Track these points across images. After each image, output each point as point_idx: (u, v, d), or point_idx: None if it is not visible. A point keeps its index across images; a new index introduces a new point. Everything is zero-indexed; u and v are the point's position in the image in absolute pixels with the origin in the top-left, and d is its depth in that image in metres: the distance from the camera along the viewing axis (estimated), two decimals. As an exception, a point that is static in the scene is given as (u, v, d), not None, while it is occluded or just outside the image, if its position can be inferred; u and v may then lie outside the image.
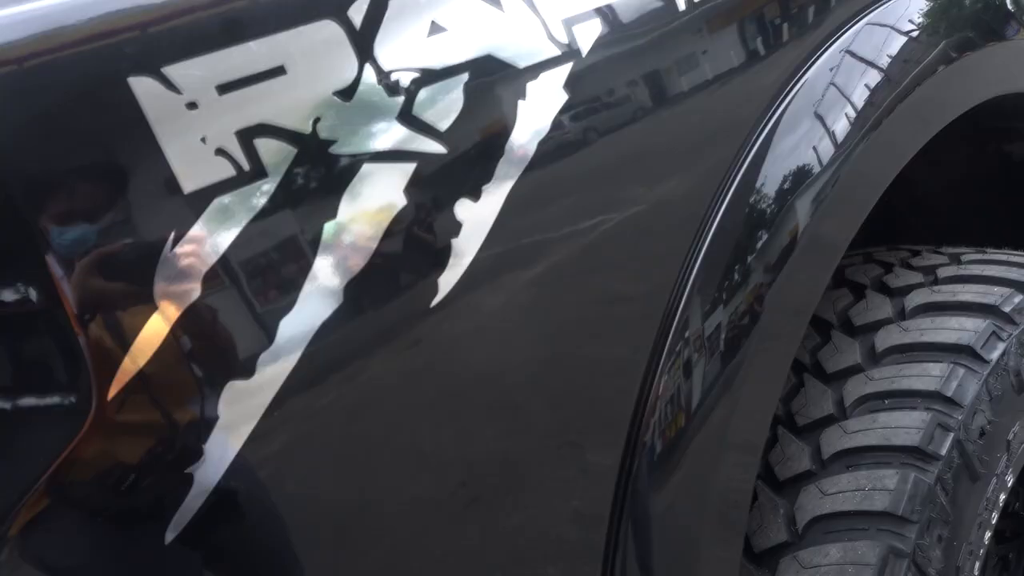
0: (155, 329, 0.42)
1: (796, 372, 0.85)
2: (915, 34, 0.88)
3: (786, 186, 0.74)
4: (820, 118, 0.78)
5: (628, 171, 0.62)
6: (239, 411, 0.44)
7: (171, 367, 0.43)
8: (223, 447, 0.44)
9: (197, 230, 0.43)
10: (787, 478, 0.79)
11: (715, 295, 0.68)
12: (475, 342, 0.53)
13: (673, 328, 0.64)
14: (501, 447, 0.56)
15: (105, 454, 0.42)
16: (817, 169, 0.76)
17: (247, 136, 0.44)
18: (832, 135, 0.78)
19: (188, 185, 0.42)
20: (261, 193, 0.44)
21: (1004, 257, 0.92)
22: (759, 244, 0.71)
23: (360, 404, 0.49)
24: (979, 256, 0.93)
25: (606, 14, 0.58)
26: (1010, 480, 0.80)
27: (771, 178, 0.72)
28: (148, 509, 0.43)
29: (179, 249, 0.42)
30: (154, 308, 0.42)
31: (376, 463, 0.50)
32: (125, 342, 0.41)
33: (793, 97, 0.75)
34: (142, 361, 0.41)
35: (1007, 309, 0.82)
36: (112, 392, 0.41)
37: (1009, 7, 0.96)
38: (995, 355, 0.79)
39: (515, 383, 0.56)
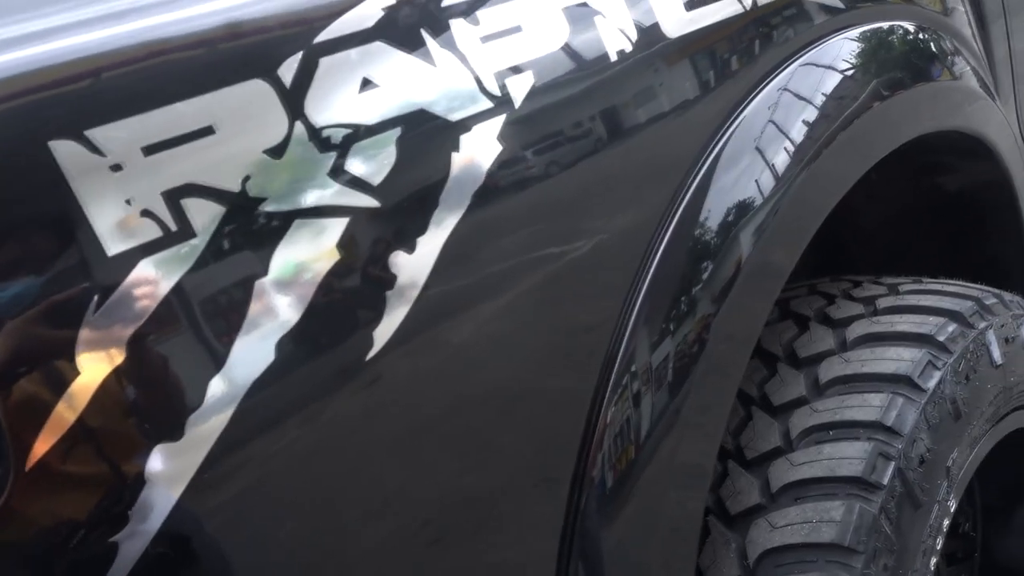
0: (77, 395, 0.41)
1: (745, 405, 0.87)
2: (849, 73, 0.92)
3: (729, 218, 0.76)
4: (760, 152, 0.80)
5: (566, 215, 0.63)
6: (168, 475, 0.44)
7: (95, 433, 0.42)
8: (150, 514, 0.43)
9: (122, 293, 0.42)
10: (738, 512, 0.80)
11: (661, 326, 0.69)
12: (411, 394, 0.53)
13: (618, 362, 0.65)
14: (442, 496, 0.56)
15: (26, 523, 0.41)
16: (758, 200, 0.78)
17: (174, 196, 0.44)
18: (772, 168, 0.80)
19: (113, 247, 0.42)
20: (189, 253, 0.44)
21: (939, 287, 0.95)
22: (703, 275, 0.73)
23: (294, 462, 0.48)
24: (915, 286, 0.96)
25: (538, 66, 0.59)
26: (952, 505, 0.82)
27: (713, 210, 0.74)
28: (73, 579, 0.42)
29: (103, 312, 0.42)
30: (77, 373, 0.41)
31: (311, 520, 0.49)
32: (45, 410, 0.40)
33: (732, 134, 0.77)
34: (63, 428, 0.41)
35: (942, 338, 0.85)
36: (32, 461, 0.40)
37: (933, 50, 1.01)
38: (932, 384, 0.81)
39: (455, 431, 0.56)
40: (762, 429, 0.84)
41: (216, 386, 0.45)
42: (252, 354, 0.46)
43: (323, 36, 0.50)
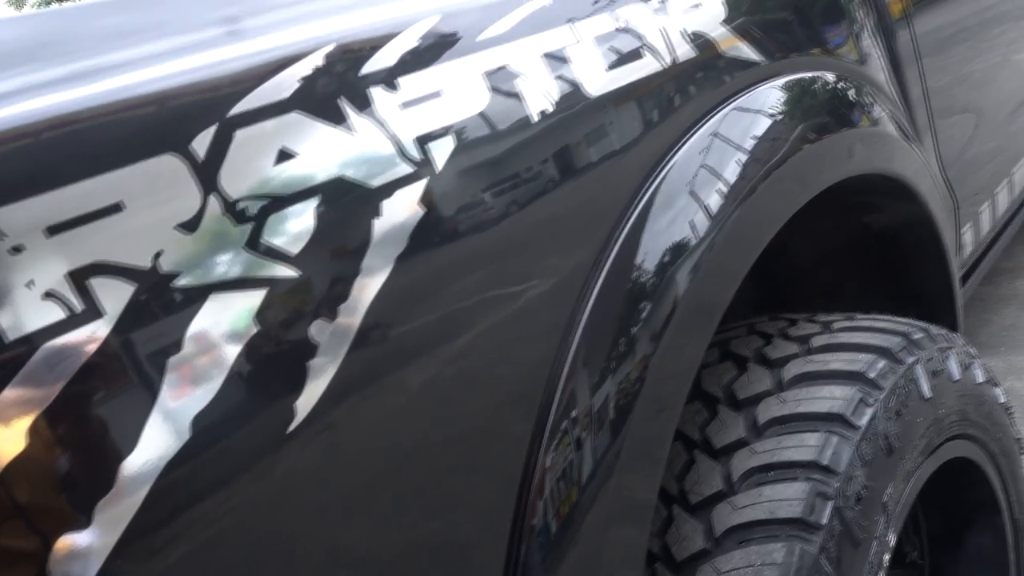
0: (-26, 487, 0.39)
1: (688, 449, 0.87)
2: (778, 118, 0.96)
3: (665, 258, 0.78)
4: (692, 194, 0.83)
5: (495, 269, 0.63)
6: (75, 564, 0.42)
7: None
8: (55, 607, 0.41)
9: (22, 378, 0.41)
10: (684, 558, 0.80)
11: (600, 367, 0.69)
12: (338, 461, 0.52)
13: (554, 407, 0.65)
14: (376, 560, 0.55)
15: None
16: (693, 240, 0.80)
17: (80, 276, 0.43)
18: (706, 208, 0.83)
19: (12, 332, 0.41)
20: (96, 333, 0.43)
21: (869, 323, 0.98)
22: (642, 315, 0.74)
23: (214, 542, 0.47)
24: (848, 323, 0.99)
25: (459, 130, 0.60)
26: (891, 540, 0.83)
27: (649, 251, 0.76)
28: None
29: (2, 400, 0.40)
30: (-28, 465, 0.39)
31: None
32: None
33: (663, 179, 0.79)
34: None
35: (872, 375, 0.87)
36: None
37: (852, 98, 1.06)
38: (864, 421, 0.83)
39: (387, 493, 0.55)
40: (705, 472, 0.84)
41: (127, 468, 0.44)
42: (166, 433, 0.45)
43: (238, 108, 0.50)
